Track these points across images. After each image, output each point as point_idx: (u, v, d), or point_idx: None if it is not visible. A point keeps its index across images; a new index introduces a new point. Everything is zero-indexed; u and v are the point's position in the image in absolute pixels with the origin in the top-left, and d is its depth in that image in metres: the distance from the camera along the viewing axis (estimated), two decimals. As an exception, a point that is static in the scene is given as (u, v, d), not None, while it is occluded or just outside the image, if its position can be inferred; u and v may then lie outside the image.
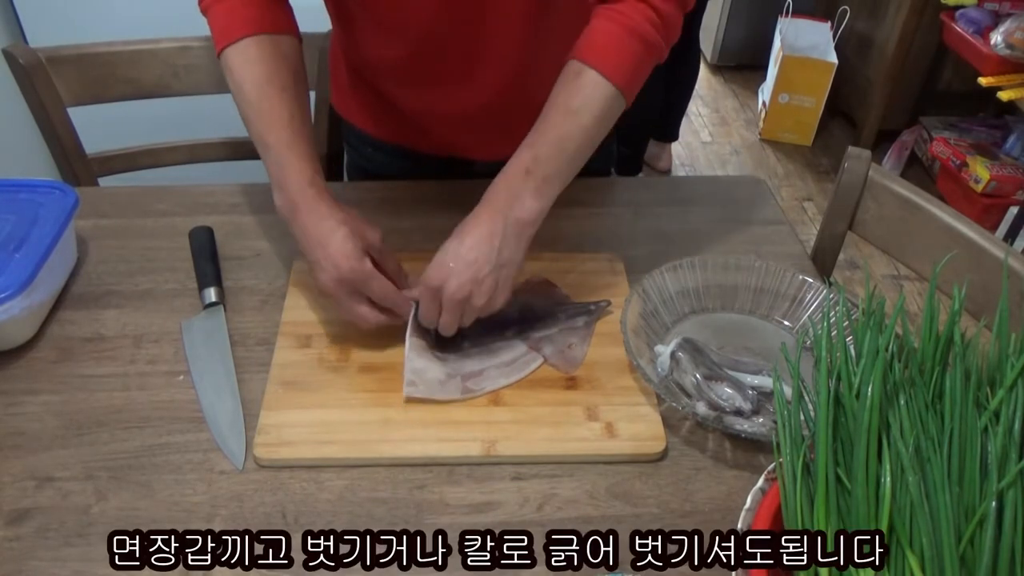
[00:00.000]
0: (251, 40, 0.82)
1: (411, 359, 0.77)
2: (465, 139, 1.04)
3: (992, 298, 0.88)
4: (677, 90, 2.58)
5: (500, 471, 0.71)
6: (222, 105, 1.30)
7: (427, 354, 0.79)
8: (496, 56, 0.91)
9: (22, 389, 0.77)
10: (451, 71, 0.93)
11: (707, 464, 0.73)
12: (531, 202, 0.76)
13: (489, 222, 0.76)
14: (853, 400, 0.58)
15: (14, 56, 1.11)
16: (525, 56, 0.90)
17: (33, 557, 0.63)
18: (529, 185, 0.76)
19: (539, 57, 0.89)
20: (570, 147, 0.78)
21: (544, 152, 0.77)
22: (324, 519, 0.67)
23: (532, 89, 0.84)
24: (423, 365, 0.78)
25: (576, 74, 0.78)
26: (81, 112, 1.19)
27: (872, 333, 0.61)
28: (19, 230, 0.82)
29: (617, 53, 0.78)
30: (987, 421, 0.56)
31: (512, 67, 0.91)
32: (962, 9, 2.39)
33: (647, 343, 0.81)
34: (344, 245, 0.75)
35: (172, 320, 0.84)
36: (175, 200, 1.01)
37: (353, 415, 0.75)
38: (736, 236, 1.00)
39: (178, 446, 0.72)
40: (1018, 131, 2.54)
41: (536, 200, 0.77)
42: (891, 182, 0.99)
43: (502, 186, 0.77)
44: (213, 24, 0.85)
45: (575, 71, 0.78)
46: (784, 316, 0.88)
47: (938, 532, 0.51)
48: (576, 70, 0.78)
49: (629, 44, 0.79)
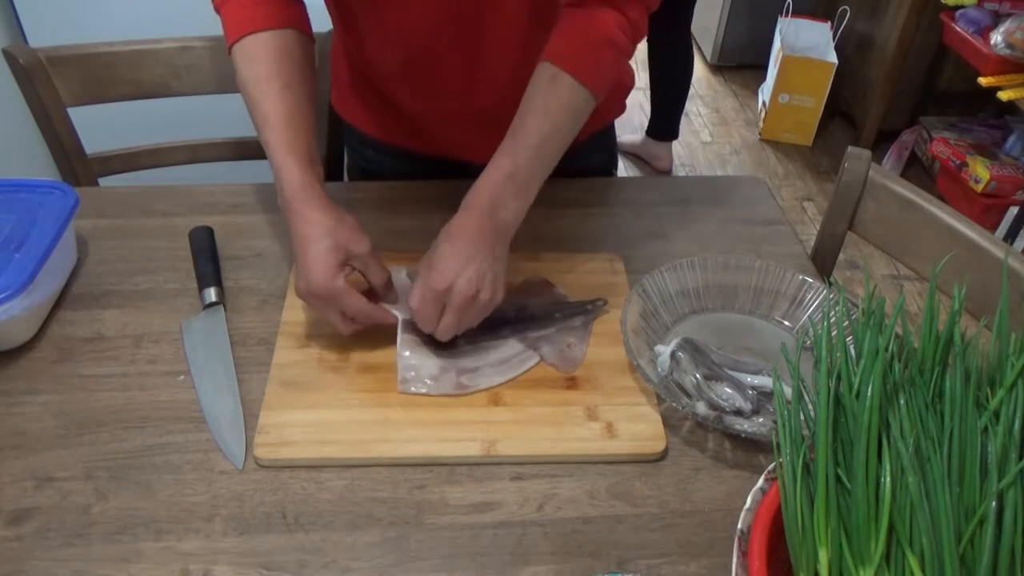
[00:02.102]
0: (255, 37, 0.83)
1: (404, 356, 0.78)
2: (464, 141, 1.04)
3: (992, 298, 0.88)
4: (673, 88, 2.58)
5: (500, 471, 0.71)
6: (222, 105, 1.31)
7: (421, 349, 0.79)
8: (495, 59, 0.91)
9: (22, 389, 0.77)
10: (451, 73, 0.93)
11: (707, 464, 0.73)
12: (514, 204, 0.79)
13: (478, 224, 0.77)
14: (853, 400, 0.58)
15: (14, 56, 1.11)
16: (524, 59, 0.91)
17: (33, 557, 0.63)
18: (511, 189, 0.78)
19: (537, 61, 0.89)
20: (548, 150, 0.81)
21: (524, 157, 0.79)
22: (324, 519, 0.67)
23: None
24: (417, 361, 0.78)
25: (552, 78, 0.80)
26: (81, 112, 1.19)
27: (872, 333, 0.61)
28: (19, 230, 0.82)
29: (591, 59, 0.81)
30: (987, 421, 0.56)
31: (511, 70, 0.92)
32: (962, 9, 2.39)
33: (647, 343, 0.82)
34: (319, 259, 0.74)
35: (172, 320, 0.84)
36: (175, 200, 1.01)
37: (353, 415, 0.75)
38: (736, 236, 1.00)
39: (178, 446, 0.72)
40: (1018, 131, 2.54)
41: (518, 202, 0.79)
42: (891, 182, 0.99)
43: (485, 190, 0.79)
44: (224, 23, 0.86)
45: (550, 75, 0.80)
46: (784, 316, 0.88)
47: (938, 532, 0.51)
48: (551, 74, 0.80)
49: (601, 50, 0.82)
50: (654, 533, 0.67)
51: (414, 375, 0.77)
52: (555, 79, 0.80)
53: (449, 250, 0.76)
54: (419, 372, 0.77)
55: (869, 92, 2.77)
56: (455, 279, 0.74)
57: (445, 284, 0.74)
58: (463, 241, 0.76)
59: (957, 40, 2.40)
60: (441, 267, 0.75)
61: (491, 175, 0.79)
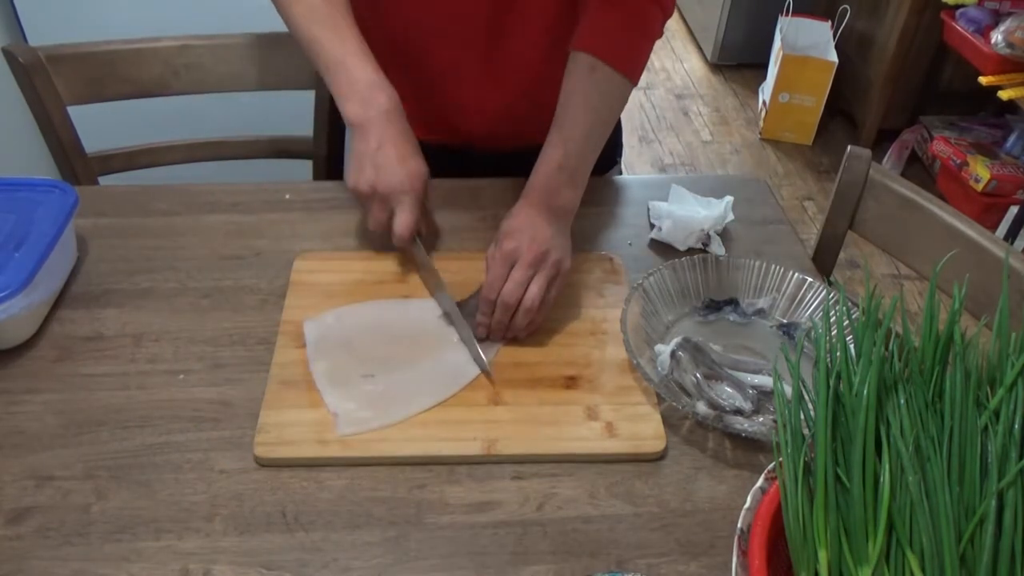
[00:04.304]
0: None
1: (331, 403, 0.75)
2: (481, 130, 1.05)
3: (992, 297, 0.88)
4: None
5: (500, 470, 0.71)
6: (222, 104, 1.31)
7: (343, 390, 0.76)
8: (520, 59, 0.94)
9: (22, 388, 0.77)
10: (476, 62, 0.96)
11: (707, 463, 0.73)
12: (568, 192, 0.84)
13: (537, 210, 0.81)
14: (853, 399, 0.58)
15: (14, 55, 1.11)
16: (547, 58, 0.93)
17: (33, 556, 0.63)
18: (563, 178, 0.83)
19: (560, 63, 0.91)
20: (594, 139, 0.85)
21: (572, 148, 0.83)
22: (324, 518, 0.67)
23: (551, 94, 0.87)
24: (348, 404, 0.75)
25: (591, 68, 0.83)
26: (81, 111, 1.19)
27: (871, 332, 0.61)
28: (19, 229, 0.82)
29: (627, 47, 0.84)
30: (987, 420, 0.56)
31: (535, 71, 0.95)
32: (962, 8, 2.39)
33: (647, 343, 0.81)
34: (407, 162, 0.83)
35: (172, 320, 0.84)
36: (175, 199, 1.01)
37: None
38: (736, 236, 1.00)
39: (178, 445, 0.72)
40: (1018, 130, 2.54)
41: (572, 190, 0.84)
42: (891, 181, 0.99)
43: (540, 183, 0.83)
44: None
45: (589, 65, 0.83)
46: (784, 316, 0.88)
47: (938, 532, 0.51)
48: (590, 64, 0.83)
49: (637, 37, 0.85)
50: (654, 532, 0.67)
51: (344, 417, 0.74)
52: (594, 70, 0.83)
53: (514, 224, 0.80)
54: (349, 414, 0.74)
55: (869, 91, 2.77)
56: (523, 240, 0.78)
57: (514, 244, 0.78)
58: (527, 220, 0.80)
59: (957, 39, 2.40)
60: (508, 232, 0.79)
61: (542, 168, 0.83)
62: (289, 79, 1.24)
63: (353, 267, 0.90)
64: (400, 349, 0.81)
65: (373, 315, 0.85)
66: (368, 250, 0.93)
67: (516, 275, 0.78)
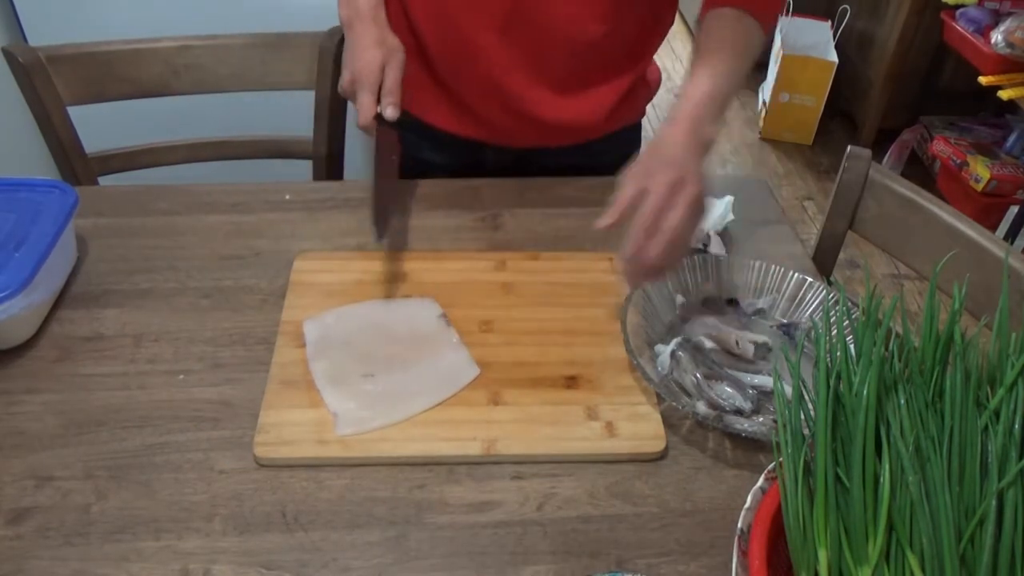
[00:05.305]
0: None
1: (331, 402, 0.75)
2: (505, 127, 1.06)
3: (992, 297, 0.88)
4: None
5: (500, 470, 0.71)
6: (222, 104, 1.31)
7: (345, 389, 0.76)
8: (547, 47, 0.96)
9: (22, 388, 0.77)
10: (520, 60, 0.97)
11: (707, 463, 0.73)
12: (711, 126, 0.82)
13: (684, 134, 0.79)
14: (853, 399, 0.58)
15: (14, 55, 1.11)
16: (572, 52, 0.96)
17: (33, 556, 0.63)
18: (711, 109, 0.82)
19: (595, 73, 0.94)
20: (735, 79, 0.85)
21: (721, 82, 0.83)
22: (324, 518, 0.67)
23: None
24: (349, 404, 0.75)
25: (737, 19, 0.87)
26: (81, 111, 1.19)
27: (871, 332, 0.61)
28: (19, 229, 0.82)
29: (768, 3, 0.89)
30: (987, 420, 0.56)
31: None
32: (962, 8, 2.39)
33: (647, 343, 0.81)
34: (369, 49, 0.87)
35: (172, 320, 0.84)
36: (175, 199, 1.01)
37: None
38: (736, 235, 1.00)
39: (178, 445, 0.72)
40: (1019, 130, 2.54)
41: (715, 124, 0.82)
42: (891, 181, 0.99)
43: (689, 107, 0.81)
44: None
45: (736, 16, 0.87)
46: (784, 316, 0.88)
47: (938, 532, 0.51)
48: (737, 15, 0.87)
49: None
50: (654, 532, 0.67)
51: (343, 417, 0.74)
52: (740, 20, 0.87)
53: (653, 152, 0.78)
54: (349, 414, 0.74)
55: (869, 91, 2.77)
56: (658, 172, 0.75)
57: (646, 173, 0.76)
58: (669, 149, 0.78)
59: (957, 39, 2.40)
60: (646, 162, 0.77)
61: (693, 93, 0.82)
62: (289, 79, 1.24)
63: (353, 267, 0.90)
64: (400, 349, 0.81)
65: (373, 315, 0.85)
66: (368, 250, 0.93)
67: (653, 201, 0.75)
